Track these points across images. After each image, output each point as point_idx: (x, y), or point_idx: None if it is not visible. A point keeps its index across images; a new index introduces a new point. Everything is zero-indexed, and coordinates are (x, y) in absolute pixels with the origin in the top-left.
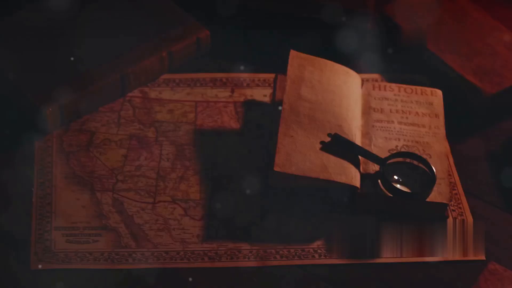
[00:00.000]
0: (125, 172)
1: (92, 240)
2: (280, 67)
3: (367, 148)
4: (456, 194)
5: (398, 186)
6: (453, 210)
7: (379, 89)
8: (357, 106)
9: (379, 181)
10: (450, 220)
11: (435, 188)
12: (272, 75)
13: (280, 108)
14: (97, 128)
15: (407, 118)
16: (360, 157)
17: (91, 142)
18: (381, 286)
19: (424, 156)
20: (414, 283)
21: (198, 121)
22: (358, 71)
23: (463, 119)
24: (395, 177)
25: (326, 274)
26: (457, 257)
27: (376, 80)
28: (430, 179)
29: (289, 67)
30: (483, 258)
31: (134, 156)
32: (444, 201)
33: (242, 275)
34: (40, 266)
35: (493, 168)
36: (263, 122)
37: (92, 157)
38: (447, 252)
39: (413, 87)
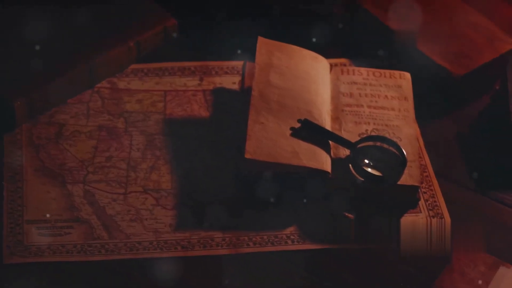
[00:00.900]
0: (96, 164)
1: (64, 232)
2: (248, 54)
3: (337, 132)
4: (427, 176)
5: (369, 170)
6: (424, 192)
7: (348, 74)
8: (327, 91)
9: (350, 165)
10: (421, 202)
11: (406, 171)
12: (241, 63)
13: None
14: (66, 120)
15: (376, 101)
16: (330, 142)
17: (60, 134)
18: (354, 270)
19: (394, 139)
20: (386, 265)
21: (168, 110)
22: (326, 56)
23: (432, 101)
24: (366, 161)
25: (299, 260)
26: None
27: (345, 65)
28: (400, 162)
29: (257, 54)
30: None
31: (104, 147)
32: (415, 184)
33: (215, 263)
34: (13, 260)
35: (463, 149)
36: (232, 109)
37: (62, 149)
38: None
39: (382, 70)
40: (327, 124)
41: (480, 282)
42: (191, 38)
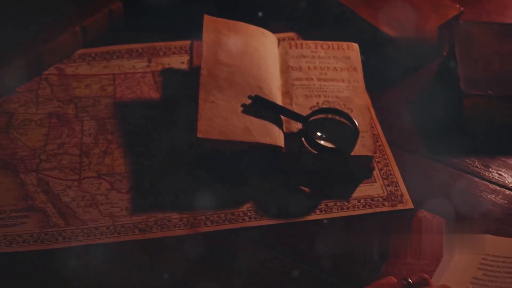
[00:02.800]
0: (48, 151)
1: (20, 222)
2: (195, 33)
3: (288, 107)
4: (380, 145)
5: (322, 142)
6: (378, 162)
7: (296, 47)
8: (276, 66)
9: (303, 139)
10: (376, 172)
11: (359, 141)
12: (188, 42)
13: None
14: (16, 109)
15: (325, 74)
16: (282, 116)
17: (10, 124)
18: (312, 242)
19: (346, 111)
20: (346, 236)
21: (117, 94)
22: (273, 31)
23: (381, 70)
24: (319, 133)
25: (257, 236)
26: (386, 208)
27: (292, 39)
28: (353, 133)
29: (204, 33)
30: (412, 206)
31: (56, 134)
32: (369, 154)
33: (174, 244)
34: None
35: (413, 116)
36: (183, 89)
37: (13, 138)
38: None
39: (329, 42)
40: (278, 99)
41: None
42: (137, 19)
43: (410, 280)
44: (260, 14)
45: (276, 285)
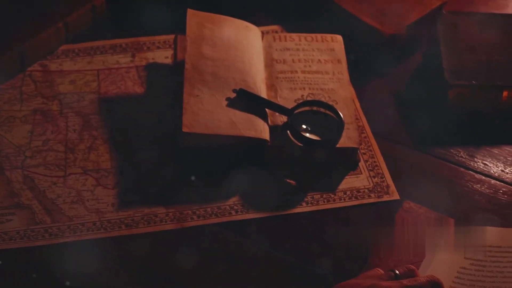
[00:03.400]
0: (33, 148)
1: (5, 219)
2: (179, 27)
3: (273, 100)
4: (365, 137)
5: (307, 135)
6: (364, 153)
7: (280, 40)
8: (260, 59)
9: (288, 132)
10: (361, 164)
11: (344, 133)
12: (172, 36)
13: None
14: (0, 106)
15: (310, 66)
16: (267, 110)
17: None
18: (299, 234)
19: (330, 103)
20: (332, 228)
21: (102, 89)
22: (257, 24)
23: (366, 62)
24: (304, 126)
25: (244, 229)
26: (372, 199)
27: (276, 32)
28: (338, 125)
29: (187, 27)
30: (398, 197)
31: (40, 131)
32: (354, 146)
33: (161, 239)
34: None
35: (399, 108)
36: (167, 84)
37: None
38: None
39: (313, 35)
40: (263, 92)
41: None
42: (121, 15)
43: (397, 272)
44: (243, 7)
45: (263, 277)
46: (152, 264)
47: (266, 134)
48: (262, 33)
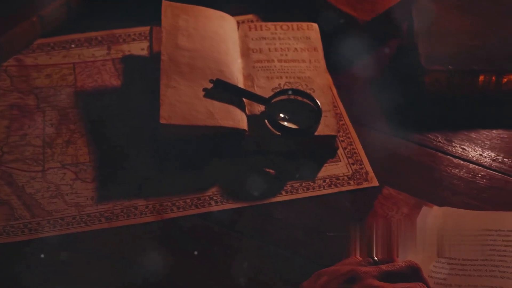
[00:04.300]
0: (10, 143)
1: None
2: (154, 19)
3: (250, 89)
4: (343, 124)
5: (285, 123)
6: (342, 141)
7: (256, 30)
8: (236, 49)
9: (266, 121)
10: (340, 151)
11: (322, 121)
12: (147, 28)
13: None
14: None
15: (286, 55)
16: (244, 99)
17: None
18: (279, 223)
19: (308, 91)
20: (312, 216)
21: (78, 83)
22: (232, 14)
23: (342, 49)
24: (281, 115)
25: (224, 219)
26: (352, 186)
27: (252, 21)
28: (316, 113)
29: (163, 18)
30: (377, 184)
31: (17, 126)
32: (333, 133)
33: (141, 231)
34: None
35: (375, 94)
36: (144, 76)
37: None
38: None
39: (289, 23)
40: (240, 82)
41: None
42: (95, 7)
43: (375, 258)
44: None
45: (244, 267)
46: (133, 256)
47: (244, 124)
48: (238, 22)
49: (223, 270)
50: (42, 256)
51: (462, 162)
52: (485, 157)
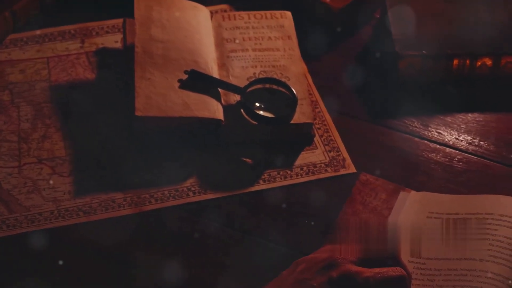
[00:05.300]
0: None
1: None
2: (127, 11)
3: (225, 79)
4: (319, 112)
5: (261, 112)
6: (319, 128)
7: (229, 19)
8: (210, 39)
9: (242, 110)
10: (316, 139)
11: (298, 109)
12: (121, 20)
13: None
14: None
15: (260, 44)
16: (220, 89)
17: None
18: (257, 212)
19: (283, 79)
20: (291, 204)
21: (53, 77)
22: (205, 4)
23: (316, 37)
24: (257, 104)
25: (203, 210)
26: (329, 173)
27: (225, 11)
28: (291, 101)
29: (135, 10)
30: (354, 170)
31: None
32: (309, 121)
33: (119, 225)
34: None
35: (350, 80)
36: (118, 69)
37: None
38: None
39: (263, 12)
40: (215, 72)
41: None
42: (68, 1)
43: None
44: None
45: (224, 257)
46: (112, 250)
47: (220, 114)
48: (211, 12)
49: (202, 260)
50: (20, 252)
51: (438, 146)
52: (461, 140)
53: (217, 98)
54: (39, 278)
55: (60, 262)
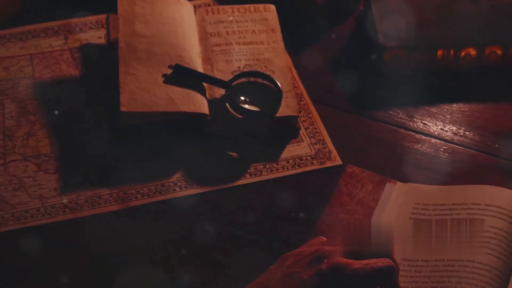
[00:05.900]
0: None
1: None
2: (110, 6)
3: (209, 73)
4: (304, 104)
5: (246, 106)
6: (304, 121)
7: (213, 13)
8: (194, 34)
9: (226, 104)
10: (302, 131)
11: (283, 102)
12: (104, 16)
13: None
14: None
15: (244, 37)
16: (204, 83)
17: None
18: (244, 206)
19: (267, 73)
20: (278, 198)
21: (36, 74)
22: None
23: (300, 29)
24: (242, 98)
25: (189, 205)
26: (315, 166)
27: (209, 5)
28: (276, 95)
29: (119, 5)
30: (340, 163)
31: None
32: (294, 114)
33: (106, 221)
34: None
35: (335, 72)
36: (102, 64)
37: None
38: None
39: (246, 6)
40: (199, 67)
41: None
42: None
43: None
44: None
45: (211, 251)
46: (100, 246)
47: (205, 108)
48: (195, 7)
49: (190, 255)
50: (7, 250)
51: (424, 137)
52: (447, 131)
53: (202, 92)
54: (25, 275)
55: (47, 259)
